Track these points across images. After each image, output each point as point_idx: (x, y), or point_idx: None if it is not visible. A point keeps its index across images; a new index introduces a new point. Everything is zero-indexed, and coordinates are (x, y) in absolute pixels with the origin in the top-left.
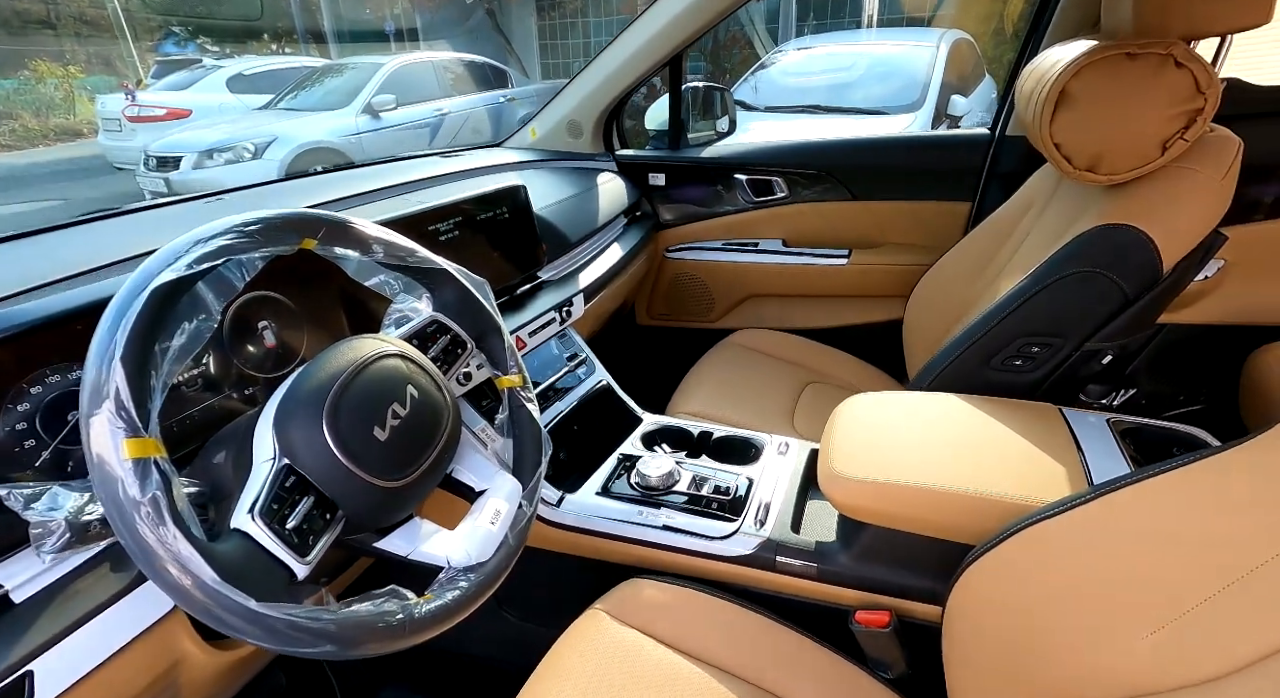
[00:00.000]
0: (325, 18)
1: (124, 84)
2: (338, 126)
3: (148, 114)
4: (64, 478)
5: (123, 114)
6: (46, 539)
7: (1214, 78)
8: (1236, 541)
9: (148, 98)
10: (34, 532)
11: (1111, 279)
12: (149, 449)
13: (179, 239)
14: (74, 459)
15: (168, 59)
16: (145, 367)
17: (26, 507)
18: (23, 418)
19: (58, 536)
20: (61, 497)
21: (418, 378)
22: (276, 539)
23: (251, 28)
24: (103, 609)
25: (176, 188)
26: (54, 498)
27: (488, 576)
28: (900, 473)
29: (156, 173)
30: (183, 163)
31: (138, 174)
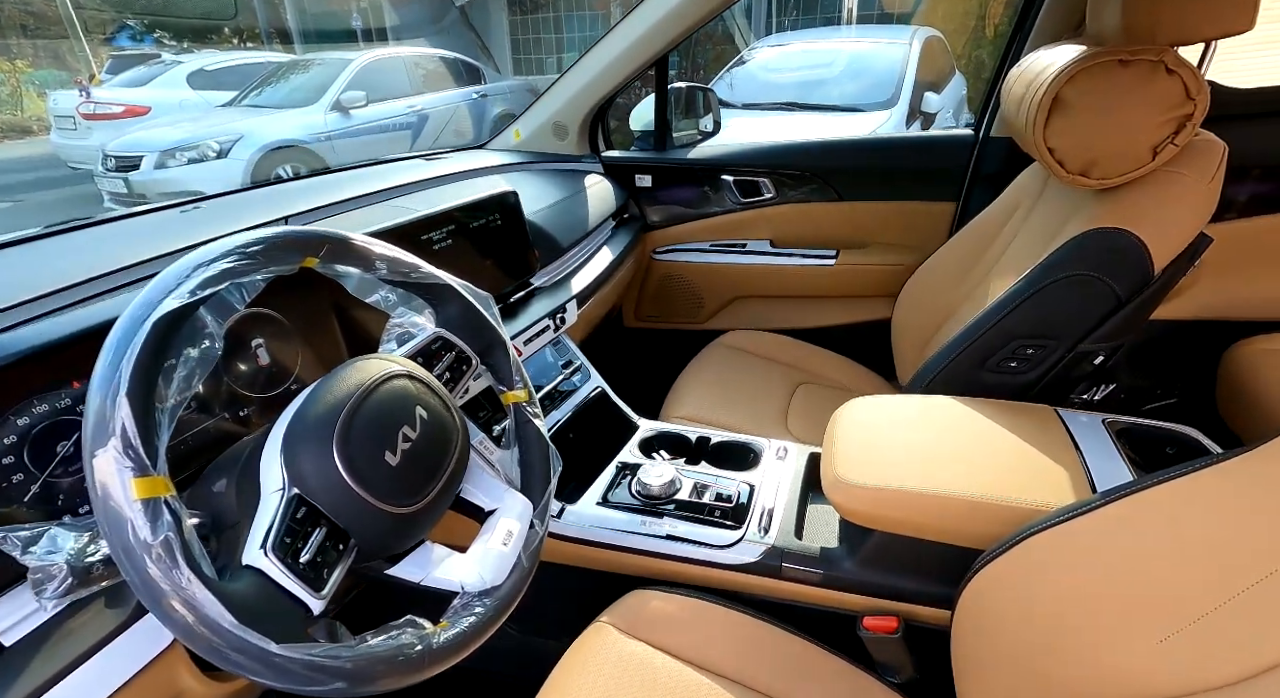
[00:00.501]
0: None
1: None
2: (306, 124)
3: (104, 111)
4: (54, 510)
5: (77, 111)
6: (48, 585)
7: (1203, 84)
8: (1245, 549)
9: (104, 94)
10: (34, 577)
11: (1104, 282)
12: (159, 488)
13: (178, 263)
14: (64, 491)
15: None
16: (150, 400)
17: (25, 551)
18: (9, 451)
19: (59, 580)
20: (61, 538)
21: (426, 398)
22: (291, 575)
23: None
24: (100, 648)
25: (138, 189)
26: (53, 540)
27: (503, 599)
28: (904, 479)
29: (116, 173)
30: (144, 163)
31: (96, 174)
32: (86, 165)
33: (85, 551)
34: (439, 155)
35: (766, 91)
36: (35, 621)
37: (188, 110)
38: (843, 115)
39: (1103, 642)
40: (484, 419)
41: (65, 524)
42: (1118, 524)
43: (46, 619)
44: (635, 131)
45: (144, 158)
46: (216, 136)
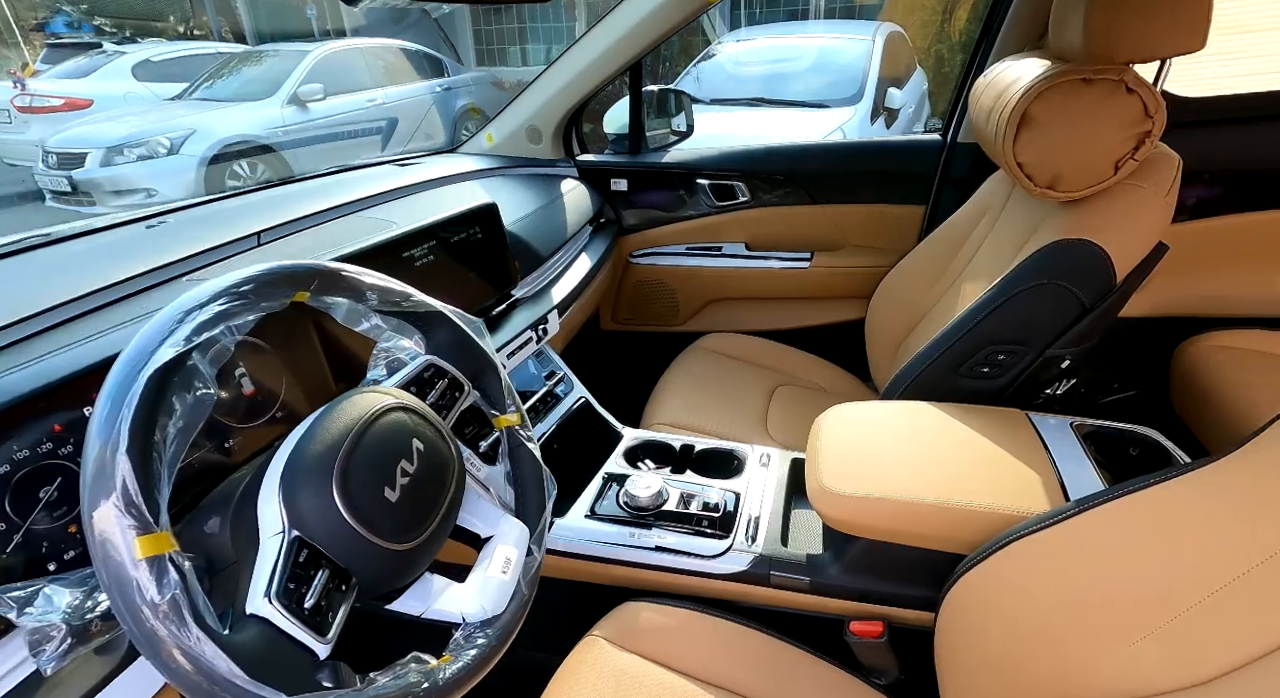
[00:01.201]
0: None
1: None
2: (262, 119)
3: (42, 104)
4: (37, 558)
5: (12, 104)
6: (46, 646)
7: (1160, 103)
8: (1209, 556)
9: (41, 86)
10: (31, 639)
11: (1070, 290)
12: (163, 545)
13: (170, 308)
14: (47, 538)
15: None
16: (150, 453)
17: (21, 612)
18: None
19: (58, 641)
20: (56, 596)
21: (422, 429)
22: (297, 622)
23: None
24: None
25: (83, 187)
26: (49, 600)
27: (504, 629)
28: (887, 488)
29: (58, 170)
30: (88, 159)
31: (36, 172)
32: (25, 162)
33: (82, 607)
34: (411, 160)
35: (734, 86)
36: (23, 672)
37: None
38: (810, 111)
39: (1078, 644)
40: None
41: (59, 580)
42: (1091, 532)
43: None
44: (609, 135)
45: (88, 154)
46: (166, 132)
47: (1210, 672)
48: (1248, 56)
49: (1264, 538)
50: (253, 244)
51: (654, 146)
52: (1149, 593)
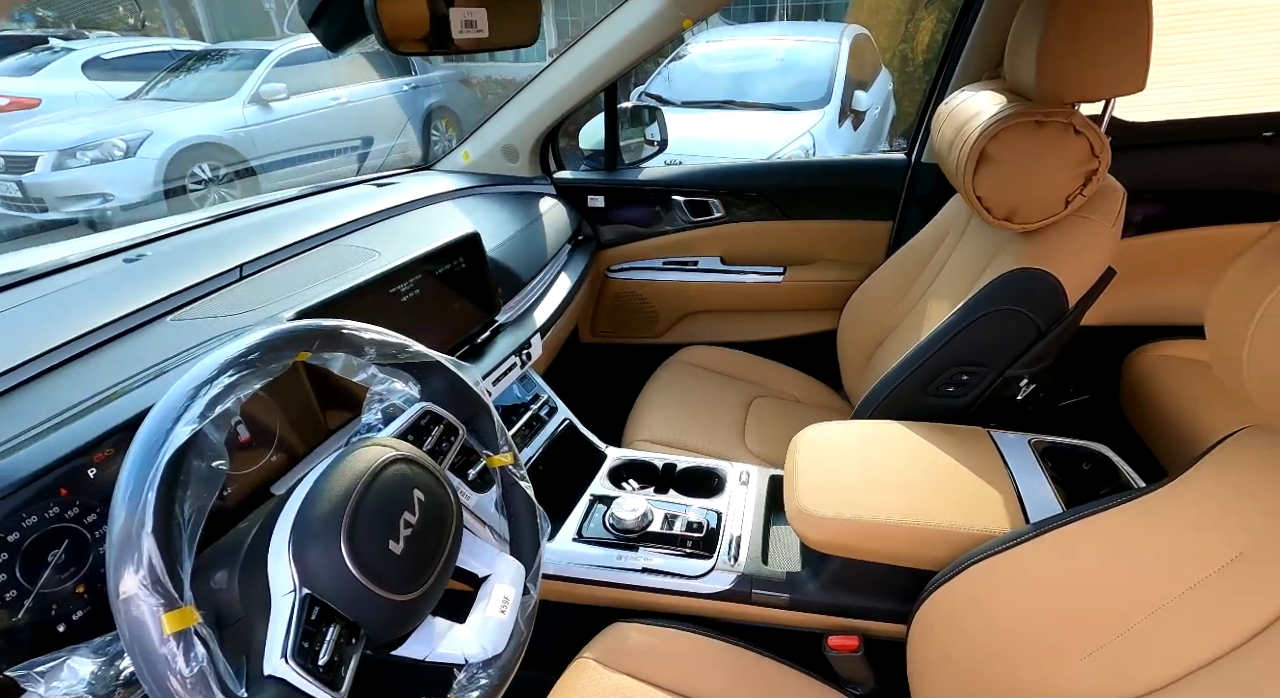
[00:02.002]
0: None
1: None
2: (223, 119)
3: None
4: (46, 620)
5: None
6: None
7: (1105, 143)
8: (1154, 577)
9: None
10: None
11: (1027, 315)
12: (188, 619)
13: (181, 384)
14: (58, 600)
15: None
16: (172, 531)
17: (48, 687)
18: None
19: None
20: (80, 667)
21: (422, 479)
22: (313, 680)
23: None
24: None
25: (34, 192)
26: (74, 671)
27: (504, 668)
28: (861, 509)
29: (6, 175)
30: (39, 163)
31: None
32: None
33: (105, 676)
34: (388, 180)
35: (705, 85)
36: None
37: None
38: (779, 114)
39: (1034, 659)
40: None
41: (79, 651)
42: (1046, 555)
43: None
44: (585, 150)
45: (39, 158)
46: (122, 133)
47: (1152, 684)
48: (1191, 85)
49: (1200, 561)
50: (234, 278)
51: (629, 161)
52: (1098, 611)
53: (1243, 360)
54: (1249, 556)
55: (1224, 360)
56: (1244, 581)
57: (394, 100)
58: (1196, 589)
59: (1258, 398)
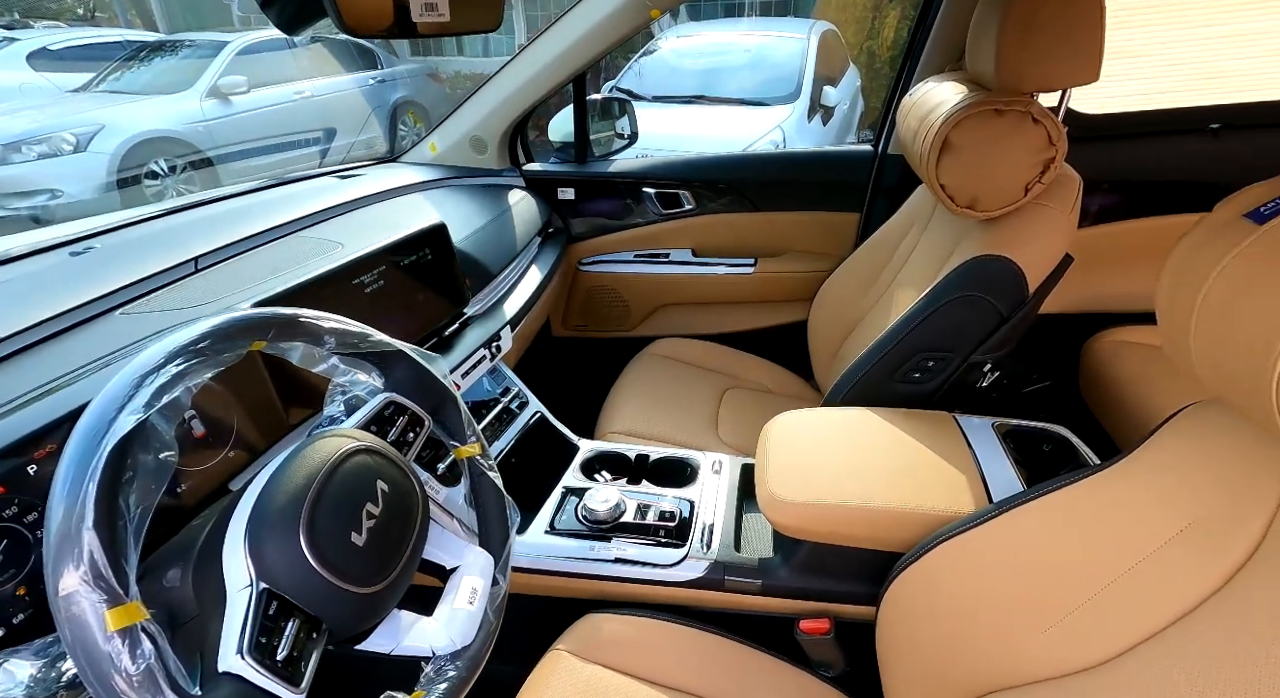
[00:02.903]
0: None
1: None
2: (179, 113)
3: None
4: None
5: None
6: None
7: (1062, 132)
8: (1109, 550)
9: None
10: None
11: (990, 302)
12: (134, 615)
13: (126, 372)
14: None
15: None
16: (115, 523)
17: None
18: None
19: None
20: (18, 670)
21: (385, 470)
22: (271, 676)
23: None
24: None
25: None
26: (10, 675)
27: (473, 659)
28: (831, 494)
29: None
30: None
31: None
32: None
33: (46, 678)
34: (352, 172)
35: (675, 80)
36: None
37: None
38: (749, 109)
39: (1000, 632)
40: (426, 459)
41: (17, 652)
42: (1010, 531)
43: None
44: (555, 143)
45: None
46: (71, 127)
47: (1108, 653)
48: (1138, 78)
49: (1152, 532)
50: (190, 271)
51: (599, 154)
52: (1058, 585)
53: (1189, 337)
54: (1198, 525)
55: (1172, 338)
56: (1193, 549)
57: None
58: (1150, 559)
59: (1203, 374)
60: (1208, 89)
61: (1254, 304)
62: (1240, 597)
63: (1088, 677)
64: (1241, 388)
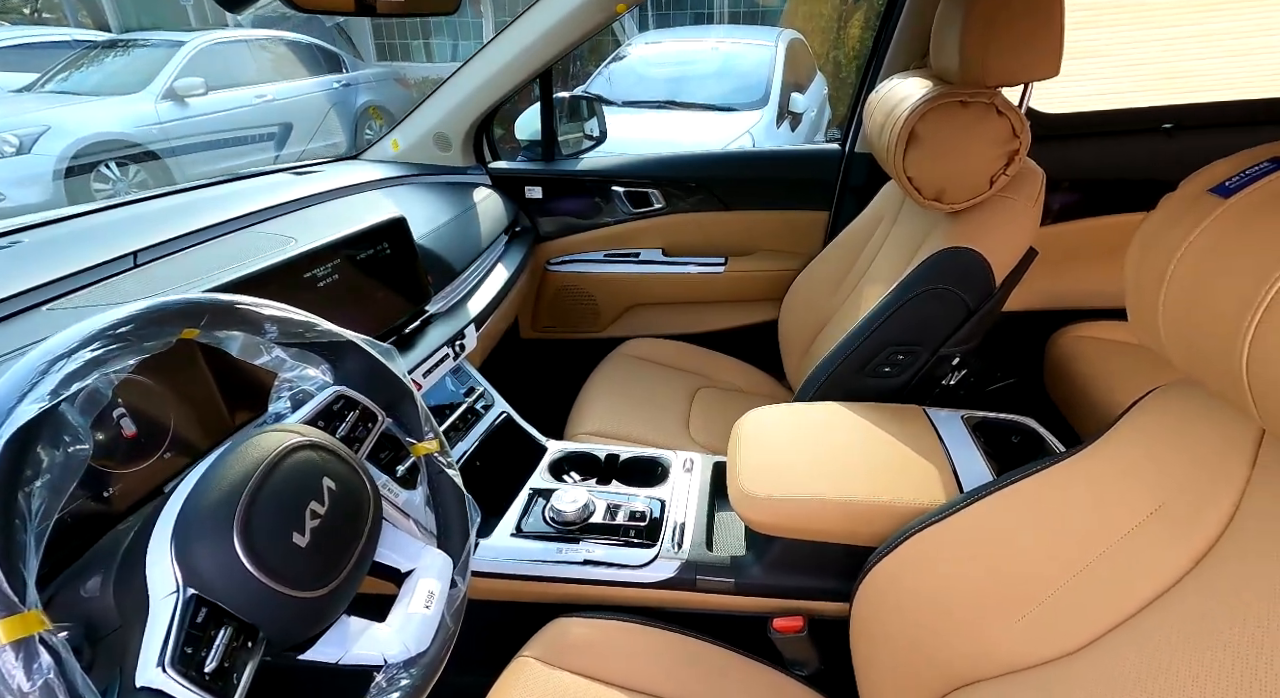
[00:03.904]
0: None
1: None
2: (132, 115)
3: None
4: None
5: None
6: None
7: (1025, 124)
8: (1079, 536)
9: None
10: None
11: (957, 294)
12: (31, 625)
13: (31, 358)
14: None
15: None
16: (12, 524)
17: None
18: None
19: None
20: None
21: (333, 466)
22: (196, 689)
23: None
24: None
25: None
26: None
27: (428, 666)
28: (802, 489)
29: None
30: None
31: None
32: None
33: None
34: (309, 169)
35: (644, 87)
36: None
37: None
38: (719, 114)
39: (973, 624)
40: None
41: None
42: (980, 522)
43: None
44: (522, 141)
45: None
46: (14, 128)
47: (1080, 641)
48: (1098, 78)
49: (1117, 521)
50: (128, 266)
51: (567, 153)
52: (1028, 575)
53: (1158, 315)
54: (1167, 507)
55: (1140, 317)
56: (1163, 533)
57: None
58: (1120, 544)
59: (1172, 352)
60: (1166, 89)
61: (1222, 278)
62: (1211, 577)
63: (1060, 666)
64: (1211, 364)
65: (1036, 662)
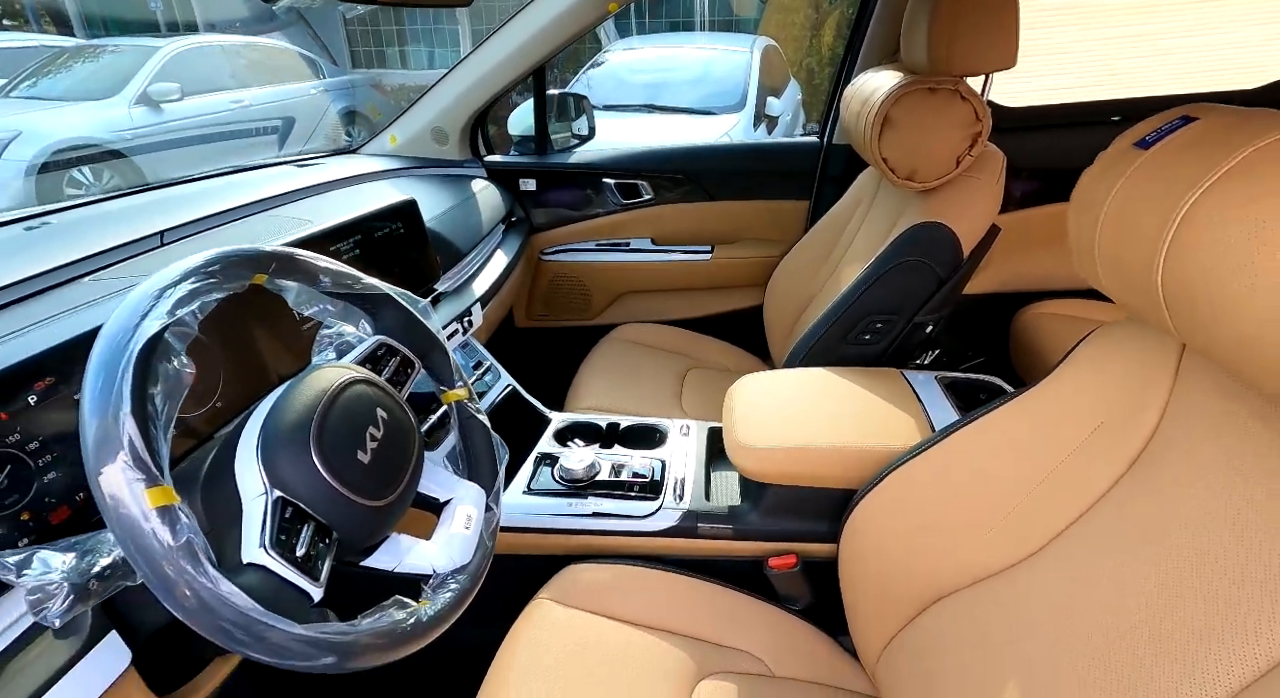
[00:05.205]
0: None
1: None
2: (106, 120)
3: None
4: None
5: None
6: (49, 604)
7: (986, 109)
8: (1035, 457)
9: None
10: (31, 598)
11: (929, 265)
12: (170, 496)
13: (143, 288)
14: (1, 525)
15: None
16: (147, 415)
17: (19, 574)
18: None
19: (61, 599)
20: (51, 559)
21: (384, 400)
22: (292, 567)
23: None
24: (57, 679)
25: None
26: (44, 562)
27: (473, 574)
28: (792, 438)
29: None
30: None
31: None
32: None
33: (79, 567)
34: (311, 161)
35: (624, 92)
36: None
37: None
38: (698, 117)
39: (947, 545)
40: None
41: (47, 547)
42: (949, 455)
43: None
44: (514, 136)
45: None
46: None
47: (1036, 546)
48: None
49: (1066, 440)
50: (155, 244)
51: (558, 149)
52: (994, 495)
53: (1095, 254)
54: (1107, 424)
55: (1082, 258)
56: (1103, 446)
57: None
58: (1068, 460)
59: (1108, 286)
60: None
61: (1141, 216)
62: (1140, 474)
63: (1021, 568)
64: (1136, 290)
65: (1000, 568)
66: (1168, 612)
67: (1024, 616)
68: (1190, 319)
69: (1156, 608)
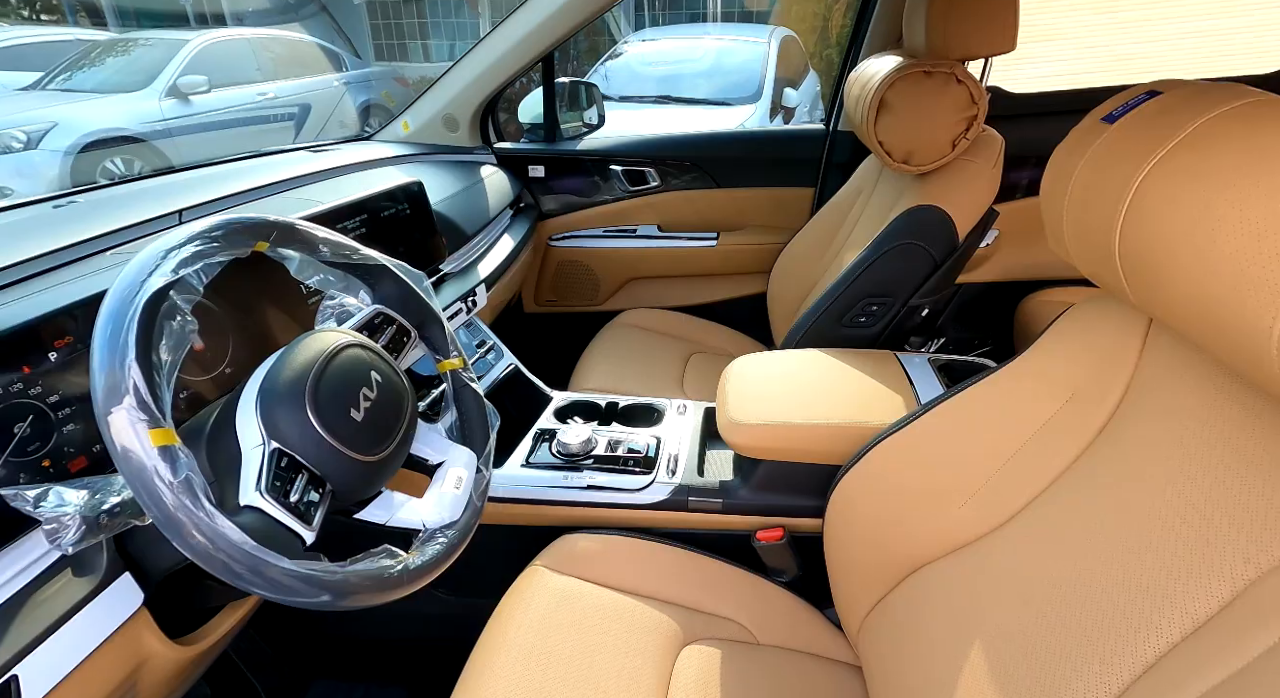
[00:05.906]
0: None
1: None
2: (137, 112)
3: None
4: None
5: None
6: (62, 534)
7: (983, 92)
8: (1011, 428)
9: None
10: (47, 528)
11: (924, 248)
12: (170, 437)
13: (150, 249)
14: (24, 469)
15: None
16: (151, 363)
17: (36, 506)
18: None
19: (74, 530)
20: (65, 494)
21: (378, 364)
22: (285, 511)
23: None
24: (73, 614)
25: None
26: (59, 495)
27: (461, 530)
28: (783, 414)
29: None
30: None
31: None
32: None
33: (91, 503)
34: (325, 147)
35: (640, 84)
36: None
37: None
38: (713, 109)
39: (927, 515)
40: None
41: (63, 483)
42: (929, 429)
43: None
44: (524, 124)
45: None
46: (22, 125)
47: (1010, 513)
48: (1057, 60)
49: (1039, 412)
50: (174, 222)
51: (568, 137)
52: (972, 466)
53: (1063, 226)
54: (1078, 394)
55: (1053, 230)
56: (1074, 415)
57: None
58: (1041, 432)
59: (1075, 257)
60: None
61: (1101, 190)
62: (1107, 441)
63: (995, 536)
64: (1099, 260)
65: (973, 538)
66: (1124, 576)
67: (992, 583)
68: (1146, 287)
69: (1115, 573)
